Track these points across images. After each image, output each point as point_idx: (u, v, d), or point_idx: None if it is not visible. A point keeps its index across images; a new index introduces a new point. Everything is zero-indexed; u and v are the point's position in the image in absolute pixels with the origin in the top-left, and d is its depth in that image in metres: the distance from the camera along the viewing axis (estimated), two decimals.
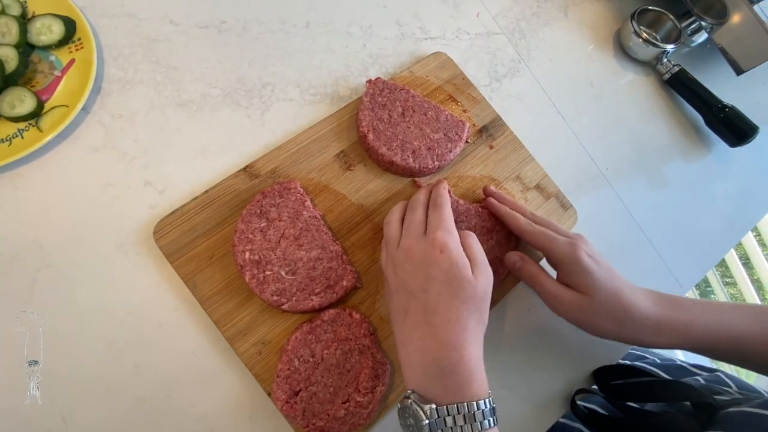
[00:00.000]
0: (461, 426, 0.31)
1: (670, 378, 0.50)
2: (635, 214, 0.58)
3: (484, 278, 0.37)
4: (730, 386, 0.48)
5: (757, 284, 1.82)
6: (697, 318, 0.40)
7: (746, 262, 1.81)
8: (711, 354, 0.43)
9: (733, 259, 1.88)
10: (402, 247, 0.38)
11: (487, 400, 0.32)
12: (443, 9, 0.58)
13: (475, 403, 0.31)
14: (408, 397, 0.33)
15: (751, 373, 0.44)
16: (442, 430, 0.31)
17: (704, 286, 1.98)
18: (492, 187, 0.48)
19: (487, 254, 0.45)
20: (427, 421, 0.31)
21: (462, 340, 0.34)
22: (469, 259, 0.37)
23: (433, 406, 0.31)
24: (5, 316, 0.37)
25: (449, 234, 0.37)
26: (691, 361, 0.55)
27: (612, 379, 0.47)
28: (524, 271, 0.43)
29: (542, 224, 0.44)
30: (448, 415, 0.31)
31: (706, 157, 0.65)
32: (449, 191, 0.45)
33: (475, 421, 0.31)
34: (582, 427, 0.48)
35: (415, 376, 0.34)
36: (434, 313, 0.34)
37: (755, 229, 1.66)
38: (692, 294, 2.00)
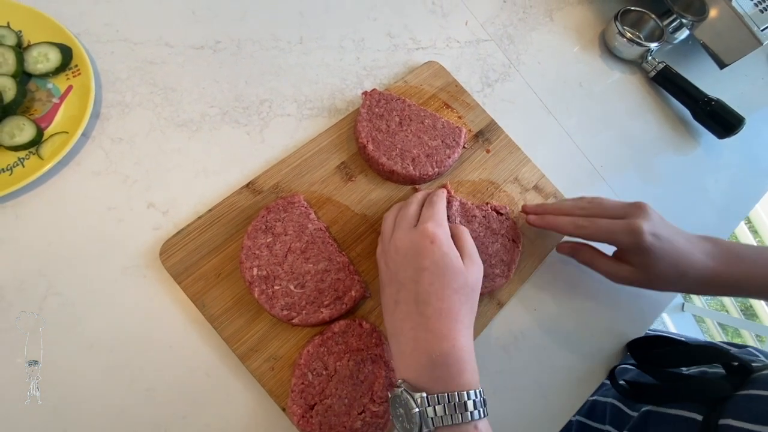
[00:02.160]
0: (451, 415, 0.31)
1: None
2: None
3: (475, 268, 0.37)
4: (760, 357, 0.49)
5: None
6: (753, 272, 0.42)
7: None
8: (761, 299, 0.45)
9: None
10: (393, 239, 0.38)
11: (477, 391, 0.32)
12: (432, 19, 0.60)
13: (465, 393, 0.31)
14: (399, 386, 0.33)
15: None
16: (432, 418, 0.31)
17: None
18: (529, 204, 0.48)
19: (492, 257, 0.46)
20: (417, 410, 0.31)
21: (454, 331, 0.34)
22: (460, 251, 0.37)
23: (424, 394, 0.31)
24: (14, 346, 0.37)
25: (439, 226, 0.37)
26: (718, 339, 0.56)
27: (646, 350, 0.49)
28: (579, 258, 0.45)
29: (594, 213, 0.43)
30: (438, 403, 0.31)
31: (695, 150, 0.66)
32: (452, 193, 0.46)
33: (466, 411, 0.31)
34: (615, 402, 0.49)
35: (407, 366, 0.34)
36: (426, 303, 0.34)
37: (746, 218, 1.69)
38: None
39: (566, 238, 0.49)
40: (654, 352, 0.48)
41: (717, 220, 0.63)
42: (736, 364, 0.43)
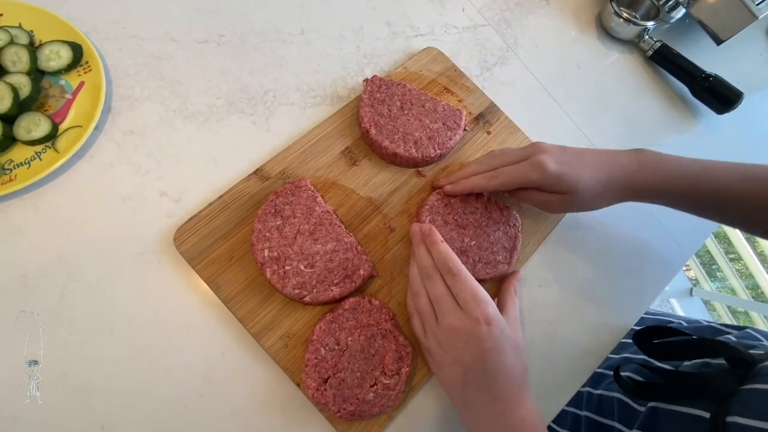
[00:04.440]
0: None
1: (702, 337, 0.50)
2: None
3: (519, 329, 0.41)
4: (761, 340, 0.49)
5: (761, 257, 1.84)
6: (682, 171, 0.44)
7: (748, 236, 1.82)
8: (693, 207, 0.46)
9: (735, 233, 1.89)
10: (445, 326, 0.39)
11: None
12: (430, 6, 0.61)
13: None
14: None
15: None
16: None
17: (710, 264, 2.00)
18: (441, 180, 0.49)
19: (494, 244, 0.47)
20: None
21: (524, 396, 0.38)
22: (505, 316, 0.41)
23: None
24: (37, 335, 0.38)
25: (487, 305, 0.38)
26: (719, 322, 0.56)
27: (651, 339, 0.49)
28: (517, 196, 0.47)
29: (498, 165, 0.46)
30: None
31: (695, 126, 0.67)
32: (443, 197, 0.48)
33: None
34: (621, 396, 0.49)
35: None
36: (495, 378, 0.37)
37: None
38: (698, 272, 2.02)
39: None
40: (660, 343, 0.49)
41: None
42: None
